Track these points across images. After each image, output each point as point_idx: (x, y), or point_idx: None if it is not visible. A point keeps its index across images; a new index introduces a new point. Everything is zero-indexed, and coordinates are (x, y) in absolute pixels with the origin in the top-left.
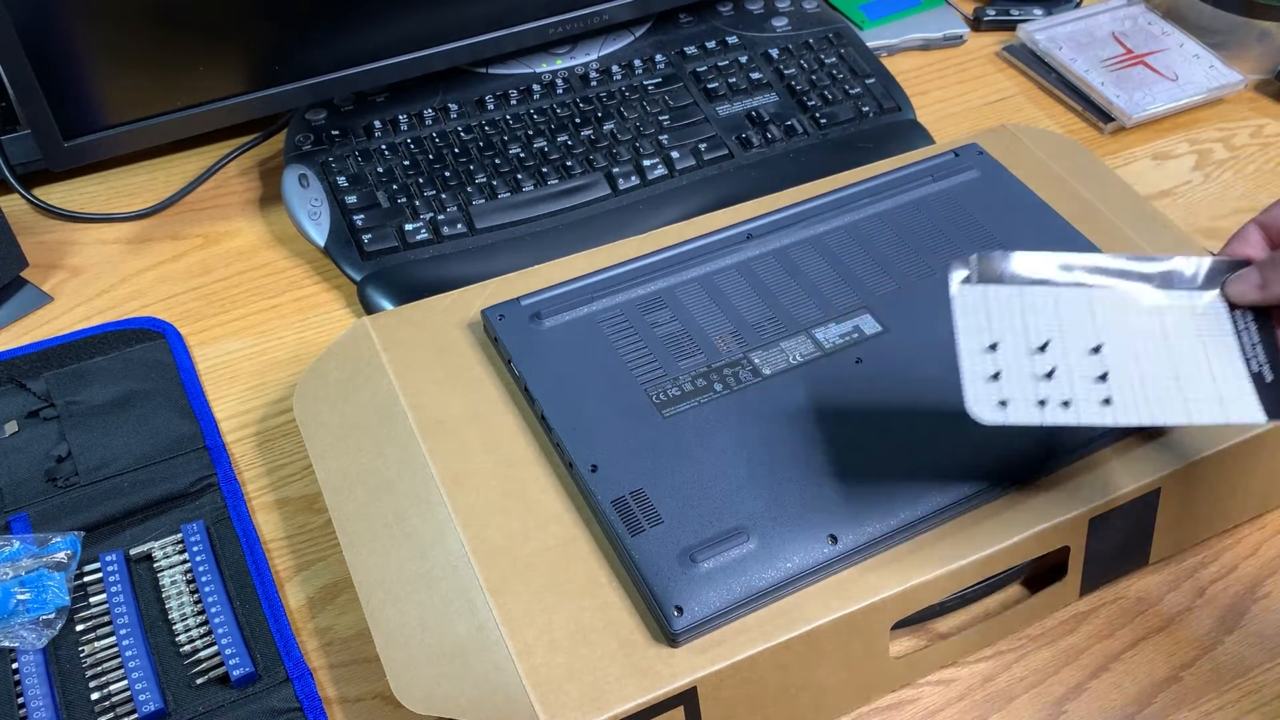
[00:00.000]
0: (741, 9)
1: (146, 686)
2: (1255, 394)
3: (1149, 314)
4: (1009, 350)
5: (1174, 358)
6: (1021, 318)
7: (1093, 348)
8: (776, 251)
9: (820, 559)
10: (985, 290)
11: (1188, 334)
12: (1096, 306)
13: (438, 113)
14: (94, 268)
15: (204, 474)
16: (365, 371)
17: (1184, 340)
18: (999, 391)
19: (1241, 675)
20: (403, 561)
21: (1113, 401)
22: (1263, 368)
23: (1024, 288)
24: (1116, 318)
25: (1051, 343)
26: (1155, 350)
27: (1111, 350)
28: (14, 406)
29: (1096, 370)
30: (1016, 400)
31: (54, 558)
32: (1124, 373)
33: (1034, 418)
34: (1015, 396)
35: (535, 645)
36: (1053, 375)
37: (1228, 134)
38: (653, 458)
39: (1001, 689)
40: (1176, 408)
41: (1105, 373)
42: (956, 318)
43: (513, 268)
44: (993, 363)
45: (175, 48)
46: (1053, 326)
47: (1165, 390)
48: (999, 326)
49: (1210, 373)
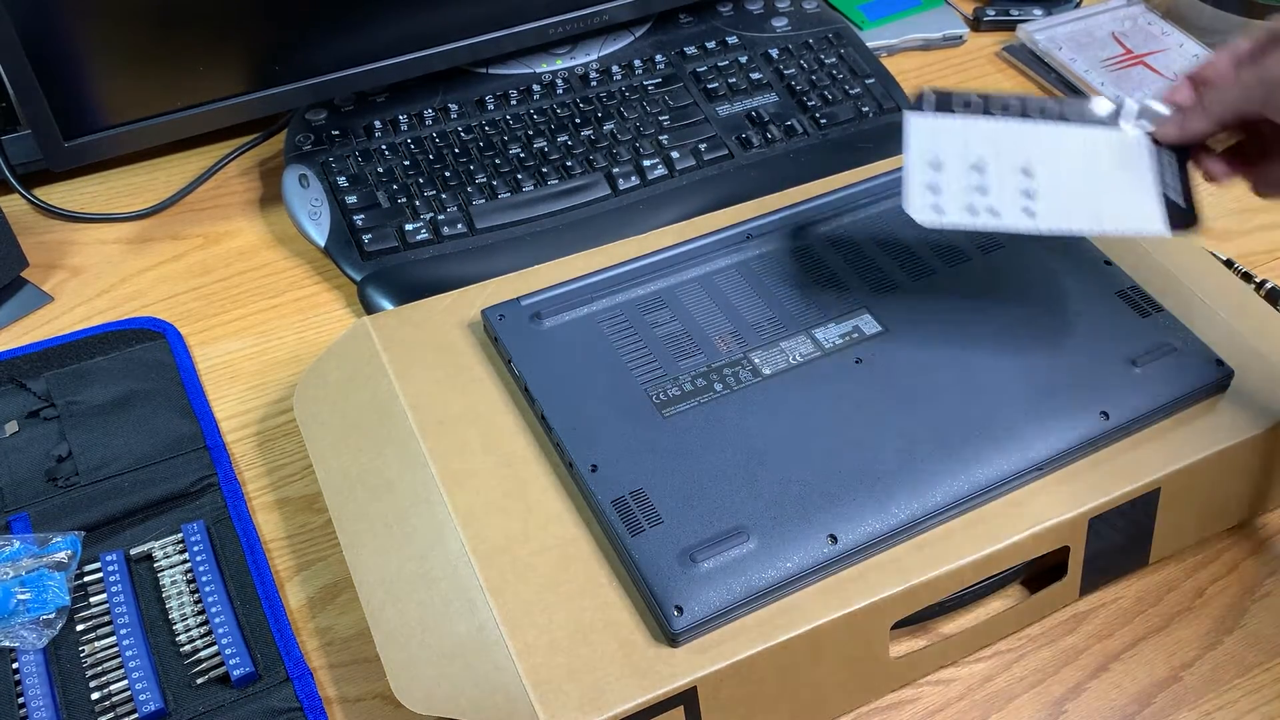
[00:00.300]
0: (741, 9)
1: (147, 686)
2: (1163, 213)
3: (1080, 143)
4: (950, 168)
5: (1095, 179)
6: (964, 143)
7: (1023, 168)
8: (776, 251)
9: (820, 559)
10: (936, 120)
11: (1112, 161)
12: (1033, 135)
13: (438, 113)
14: (94, 268)
15: (204, 474)
16: (365, 371)
17: (1107, 166)
18: (936, 199)
19: (1241, 675)
20: (403, 561)
21: (1035, 212)
22: (1174, 194)
23: (972, 119)
24: (1050, 145)
25: (988, 163)
26: (1079, 173)
27: (1040, 171)
28: (14, 406)
29: (1024, 186)
30: (951, 207)
31: (54, 557)
32: (1048, 189)
33: (965, 221)
34: (950, 205)
35: (535, 645)
36: (985, 189)
37: None
38: (653, 458)
39: (1001, 689)
40: (1090, 218)
41: (1032, 189)
42: (907, 139)
43: (513, 268)
44: (934, 176)
45: (175, 48)
46: (990, 150)
47: (1083, 205)
48: (943, 148)
49: (1126, 193)
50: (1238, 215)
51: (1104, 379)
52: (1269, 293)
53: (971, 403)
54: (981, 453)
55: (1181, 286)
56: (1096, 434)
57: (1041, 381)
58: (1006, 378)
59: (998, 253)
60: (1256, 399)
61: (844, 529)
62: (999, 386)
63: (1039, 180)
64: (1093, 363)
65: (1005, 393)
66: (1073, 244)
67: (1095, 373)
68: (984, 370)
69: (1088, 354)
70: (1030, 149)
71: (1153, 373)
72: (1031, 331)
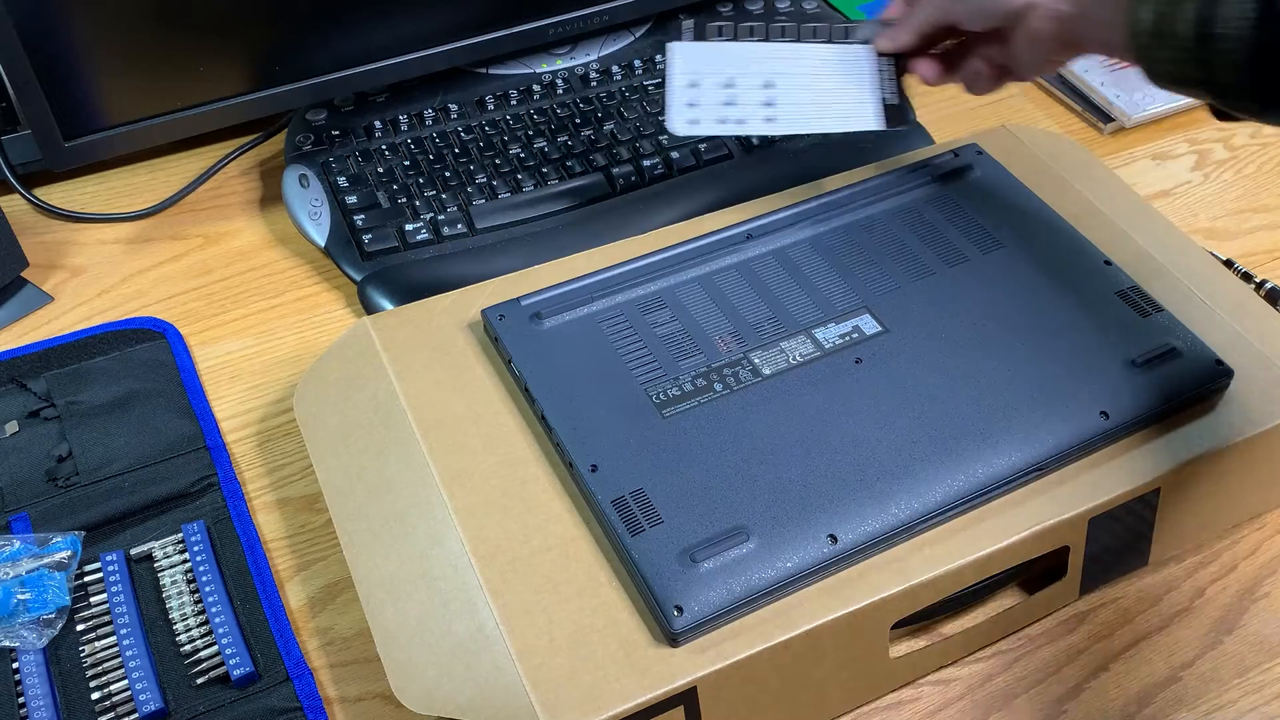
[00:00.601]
0: (741, 9)
1: (147, 686)
2: (879, 112)
3: (814, 58)
4: (704, 86)
5: (825, 88)
6: (717, 64)
7: (765, 83)
8: (776, 251)
9: (820, 559)
10: (694, 46)
11: (839, 72)
12: (775, 55)
13: (438, 113)
14: (94, 268)
15: (204, 474)
16: (365, 371)
17: (836, 77)
18: (693, 113)
19: (1241, 675)
20: (403, 561)
21: (774, 119)
22: (891, 96)
23: (723, 44)
24: (789, 62)
25: (736, 80)
26: (813, 84)
27: (780, 84)
28: (14, 406)
29: (766, 98)
30: (705, 119)
31: (55, 557)
32: (786, 99)
33: (716, 129)
34: (704, 117)
35: (535, 645)
36: (734, 102)
37: (1227, 134)
38: (653, 458)
39: (1001, 689)
40: (818, 120)
41: (772, 98)
42: (670, 64)
43: (513, 268)
44: (692, 95)
45: (176, 48)
46: (738, 69)
47: (813, 110)
48: (699, 70)
49: (850, 98)
50: (1237, 215)
51: (1104, 379)
52: (1269, 293)
53: (971, 403)
54: (981, 453)
55: (1181, 286)
56: (1096, 434)
57: (1041, 382)
58: (1006, 378)
59: (998, 253)
60: (1256, 399)
61: (844, 529)
62: (999, 386)
63: (779, 91)
64: (1093, 363)
65: (1005, 393)
66: (1073, 245)
67: (1095, 373)
68: (984, 370)
69: (1088, 354)
70: (773, 66)
71: (1153, 373)
72: (1031, 331)
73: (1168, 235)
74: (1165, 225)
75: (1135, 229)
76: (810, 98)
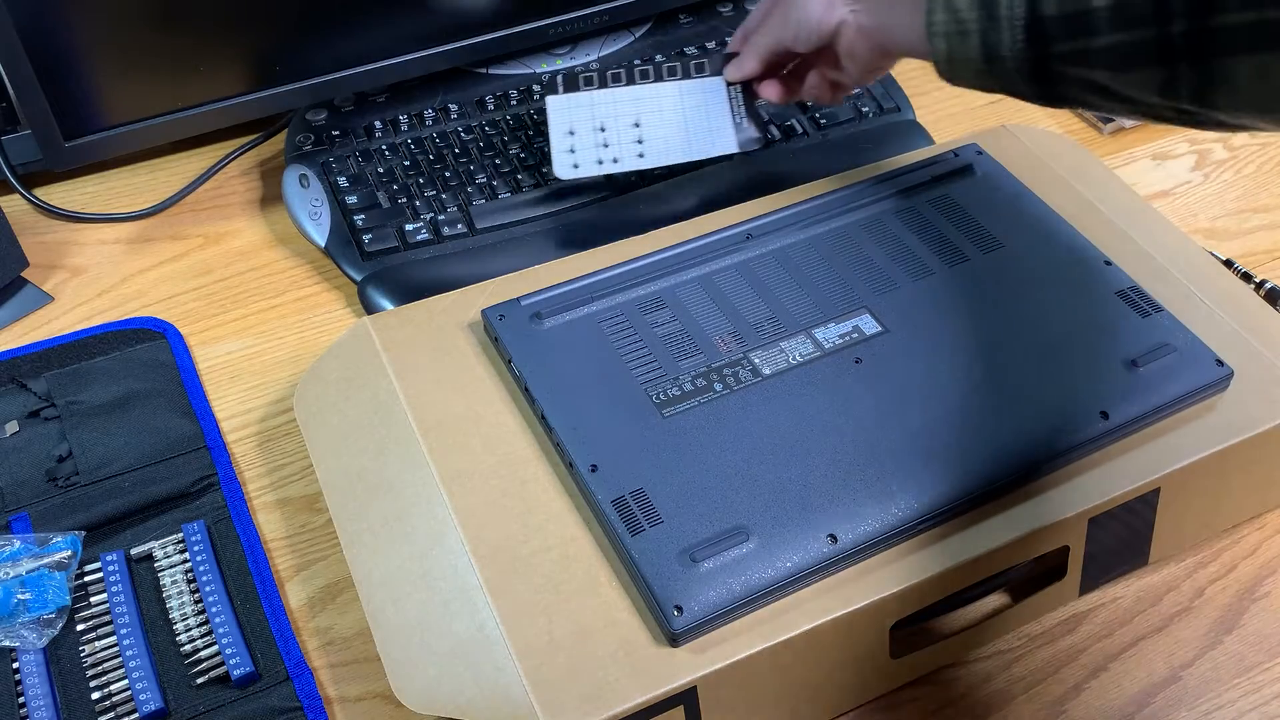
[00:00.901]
0: (741, 9)
1: (147, 686)
2: (735, 136)
3: (674, 95)
4: (580, 133)
5: (685, 121)
6: (590, 112)
7: (634, 123)
8: (776, 251)
9: (820, 558)
10: (567, 97)
11: (697, 104)
12: (640, 97)
13: (438, 113)
14: (95, 268)
15: (204, 474)
16: (366, 371)
17: (695, 109)
18: (574, 158)
19: (1241, 675)
20: (403, 561)
21: (645, 154)
22: (743, 120)
23: (593, 92)
24: (652, 102)
25: (608, 124)
26: (675, 119)
27: (646, 123)
28: (15, 406)
29: (636, 137)
30: (584, 162)
31: (55, 557)
32: (653, 135)
33: (595, 171)
34: (583, 160)
35: (535, 645)
36: (608, 144)
37: (1226, 134)
38: (653, 457)
39: (1001, 689)
40: (684, 150)
41: (642, 136)
42: (549, 117)
43: (513, 268)
44: (570, 141)
45: (176, 48)
46: (609, 114)
47: (680, 141)
48: (575, 119)
49: (710, 126)
50: (1237, 215)
51: (1104, 379)
52: (1269, 293)
53: (971, 403)
54: (981, 453)
55: (1181, 286)
56: (1096, 434)
57: (1041, 382)
58: (1006, 378)
59: (998, 253)
60: (1256, 399)
61: (844, 529)
62: (999, 386)
63: (645, 129)
64: (1093, 363)
65: (1005, 393)
66: (1073, 245)
67: (1095, 373)
68: (984, 370)
69: (1088, 354)
70: (639, 107)
71: (1153, 373)
72: (1031, 331)
73: (1168, 235)
74: (1165, 225)
75: (1135, 229)
76: (675, 131)
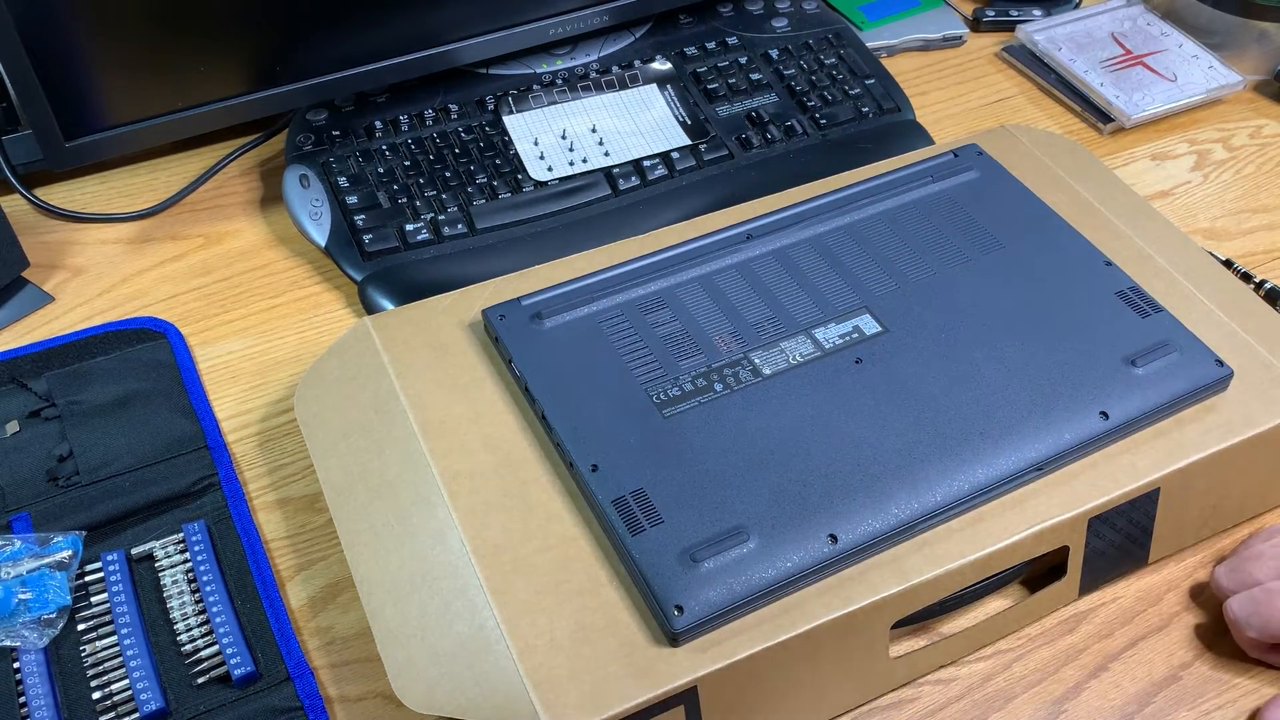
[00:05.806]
0: (741, 10)
1: (148, 686)
2: (683, 132)
3: (617, 103)
4: (546, 141)
5: (637, 122)
6: (547, 124)
7: (591, 128)
8: (776, 251)
9: (820, 558)
10: (525, 115)
11: (643, 108)
12: (589, 107)
13: (438, 113)
14: (95, 268)
15: (205, 474)
16: (366, 371)
17: (641, 112)
18: (546, 163)
19: (1241, 675)
20: (403, 561)
21: (609, 153)
22: (685, 118)
23: (546, 108)
24: (601, 110)
25: (568, 131)
26: (626, 122)
27: (601, 127)
28: (15, 406)
29: (597, 139)
30: (556, 164)
31: (55, 557)
32: (612, 136)
33: (568, 170)
34: (555, 163)
35: (535, 645)
36: (573, 147)
37: (1226, 134)
38: (653, 457)
39: (1001, 689)
40: (642, 146)
41: (602, 139)
42: (511, 132)
43: (513, 268)
44: (538, 150)
45: (177, 48)
46: (566, 124)
47: (635, 140)
48: (536, 131)
49: (656, 126)
50: (1237, 215)
51: (1104, 379)
52: (1269, 293)
53: (971, 403)
54: (981, 453)
55: (1181, 286)
56: (1096, 434)
57: (1041, 381)
58: (1006, 378)
59: (998, 253)
60: (1256, 399)
61: (844, 529)
62: (998, 386)
63: (603, 133)
64: (1093, 363)
65: (1005, 393)
66: (1073, 245)
67: (1095, 373)
68: (984, 370)
69: (1088, 354)
70: (590, 114)
71: (1153, 373)
72: (1031, 332)
73: (1168, 235)
74: (1165, 225)
75: (1135, 229)
76: (631, 131)
